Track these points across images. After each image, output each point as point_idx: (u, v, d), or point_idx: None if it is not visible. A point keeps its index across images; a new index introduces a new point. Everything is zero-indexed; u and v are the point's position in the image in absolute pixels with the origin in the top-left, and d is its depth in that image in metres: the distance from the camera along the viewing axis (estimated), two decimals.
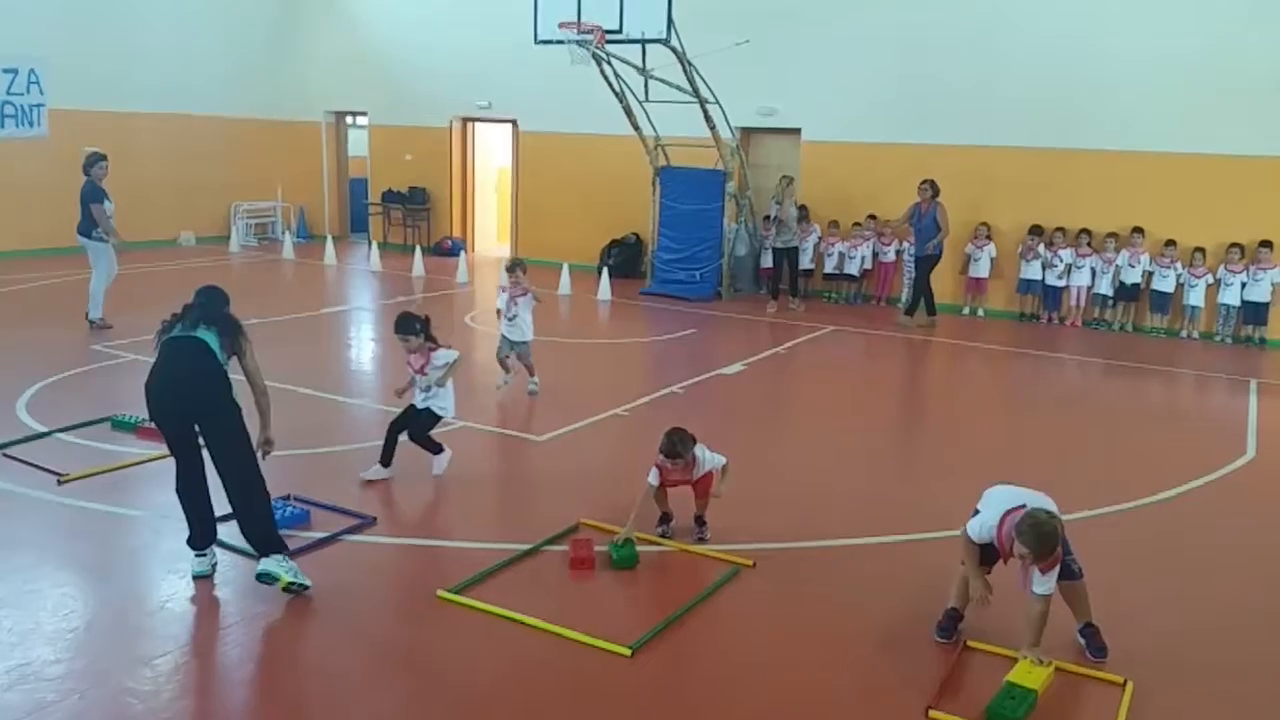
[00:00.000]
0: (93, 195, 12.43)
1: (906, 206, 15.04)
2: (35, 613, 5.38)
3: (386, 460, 7.53)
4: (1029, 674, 4.95)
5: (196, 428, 5.78)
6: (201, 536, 5.91)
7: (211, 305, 6.09)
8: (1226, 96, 14.24)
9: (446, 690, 4.89)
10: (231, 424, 5.72)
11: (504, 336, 10.20)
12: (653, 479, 6.53)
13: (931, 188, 14.62)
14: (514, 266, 10.23)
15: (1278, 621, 5.94)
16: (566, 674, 5.02)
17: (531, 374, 10.35)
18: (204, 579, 5.86)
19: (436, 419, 7.66)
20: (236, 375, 5.88)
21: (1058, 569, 5.15)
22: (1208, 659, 5.45)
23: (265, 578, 5.61)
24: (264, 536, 5.72)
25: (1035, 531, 4.98)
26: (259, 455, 5.98)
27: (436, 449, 7.69)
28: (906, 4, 16.16)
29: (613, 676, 5.00)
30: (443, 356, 7.57)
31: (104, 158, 12.65)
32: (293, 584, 5.65)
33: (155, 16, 19.89)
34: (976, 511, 5.45)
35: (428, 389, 7.56)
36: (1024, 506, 5.16)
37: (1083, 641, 5.40)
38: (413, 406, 7.66)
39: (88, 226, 12.49)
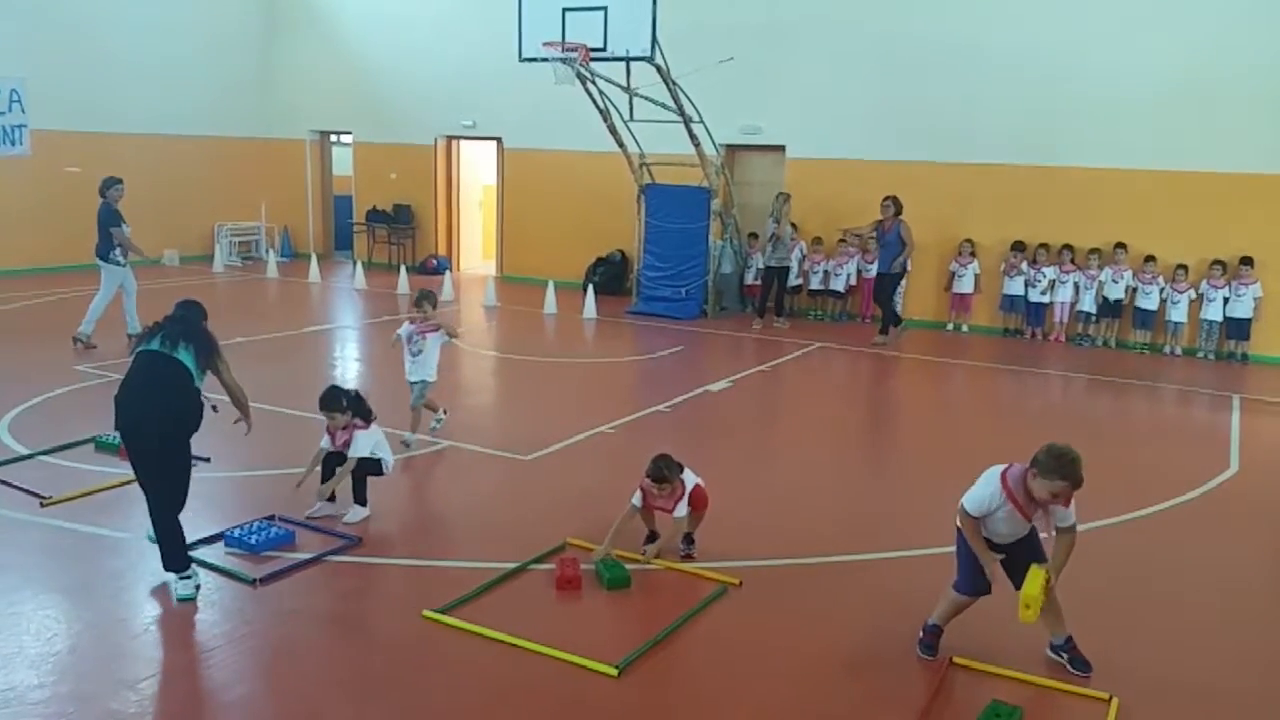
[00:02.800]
0: (110, 218, 12.61)
1: (870, 222, 15.17)
2: (18, 636, 5.35)
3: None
4: (1035, 580, 5.06)
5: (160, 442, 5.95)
6: (177, 559, 5.92)
7: (190, 319, 6.30)
8: (1208, 113, 14.36)
9: (432, 711, 4.87)
10: (185, 445, 6.01)
11: (409, 379, 9.05)
12: (636, 501, 6.56)
13: (894, 205, 14.66)
14: (421, 300, 9.15)
15: (1262, 637, 5.97)
16: (553, 694, 5.01)
17: (415, 426, 9.06)
18: (189, 602, 5.84)
19: (381, 471, 7.29)
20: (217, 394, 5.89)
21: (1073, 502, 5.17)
22: (1192, 675, 5.47)
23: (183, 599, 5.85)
24: (173, 552, 5.95)
25: (1061, 460, 5.00)
26: (245, 429, 6.54)
27: (362, 499, 7.20)
28: (890, 23, 16.25)
29: (599, 696, 5.00)
30: (358, 448, 7.09)
31: (119, 181, 12.87)
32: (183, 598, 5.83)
33: (139, 38, 19.87)
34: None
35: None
36: (1012, 465, 5.21)
37: (1064, 658, 5.41)
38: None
39: (105, 249, 12.69)
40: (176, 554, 5.95)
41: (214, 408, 6.28)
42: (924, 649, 5.48)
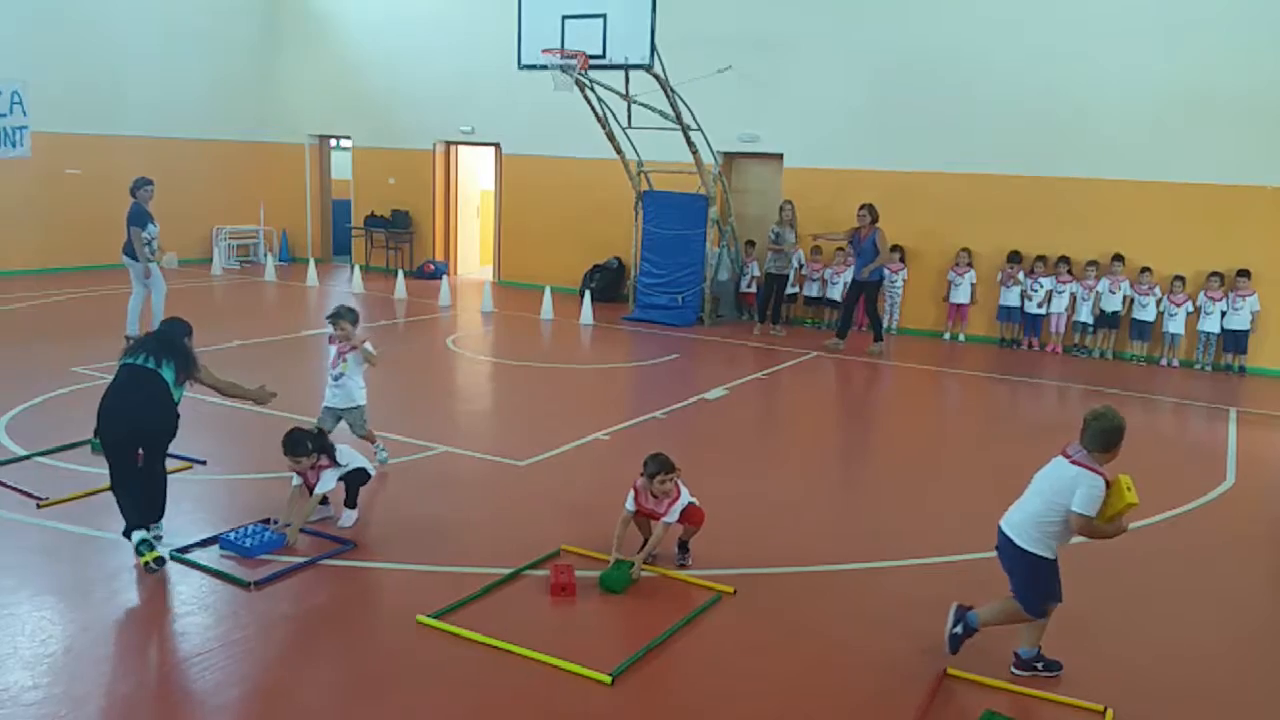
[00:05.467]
0: (134, 218, 12.71)
1: (846, 229, 15.24)
2: (13, 637, 5.35)
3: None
4: (1121, 481, 5.18)
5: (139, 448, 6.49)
6: (138, 515, 6.36)
7: (173, 336, 6.74)
8: (1206, 125, 14.40)
9: (425, 717, 4.87)
10: (165, 446, 6.60)
11: (326, 406, 8.28)
12: (629, 505, 6.56)
13: (870, 213, 14.71)
14: (336, 316, 8.28)
15: (1257, 649, 5.98)
16: (546, 701, 5.00)
17: (373, 440, 8.45)
18: (156, 559, 6.18)
19: (367, 476, 7.29)
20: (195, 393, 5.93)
21: None
22: (1187, 686, 5.48)
23: (142, 546, 6.19)
24: (150, 508, 6.53)
25: (1117, 422, 5.21)
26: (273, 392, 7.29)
27: (352, 502, 7.23)
28: (888, 32, 16.30)
29: (593, 704, 4.99)
30: (325, 484, 6.95)
31: (150, 182, 12.96)
32: (157, 559, 6.19)
33: (139, 41, 19.92)
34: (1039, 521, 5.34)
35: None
36: (1071, 457, 5.26)
37: (1039, 666, 5.41)
38: None
39: (132, 248, 12.78)
40: (154, 509, 6.55)
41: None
42: (953, 645, 5.46)
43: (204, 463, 8.21)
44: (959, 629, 5.49)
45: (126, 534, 6.31)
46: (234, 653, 5.32)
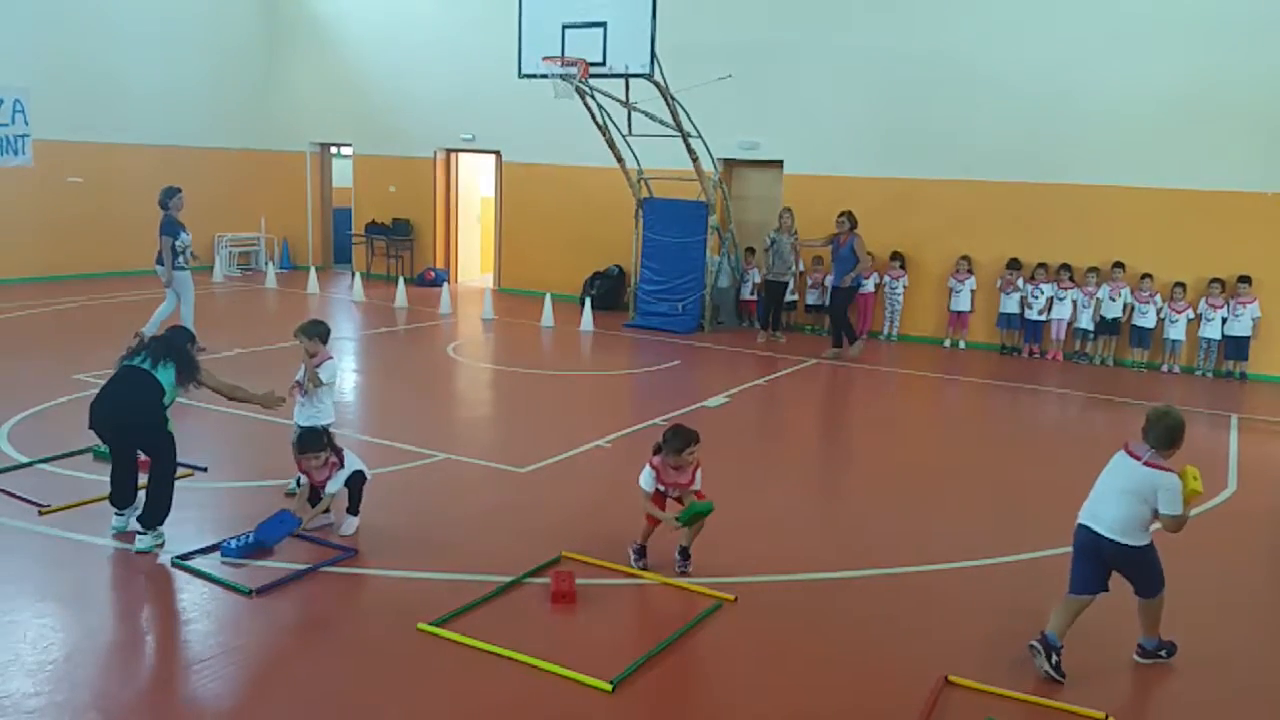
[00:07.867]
0: (166, 228, 12.78)
1: (826, 234, 15.30)
2: (14, 644, 5.35)
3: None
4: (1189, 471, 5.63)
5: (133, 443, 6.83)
6: (121, 497, 6.84)
7: (174, 341, 6.94)
8: (1206, 131, 14.40)
9: None
10: (163, 442, 6.73)
11: (295, 423, 7.73)
12: (646, 484, 6.57)
13: (849, 220, 14.74)
14: (298, 332, 7.79)
15: (1258, 657, 5.98)
16: (547, 709, 5.00)
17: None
18: (121, 536, 6.75)
19: (364, 478, 7.22)
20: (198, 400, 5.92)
21: None
22: (1189, 694, 5.48)
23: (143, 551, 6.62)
24: (155, 516, 6.71)
25: (1179, 420, 5.72)
26: (281, 397, 7.43)
27: (354, 509, 7.20)
28: (889, 39, 16.31)
29: (594, 711, 4.99)
30: (336, 485, 6.96)
31: (178, 191, 13.02)
32: (155, 546, 6.66)
33: (141, 49, 19.95)
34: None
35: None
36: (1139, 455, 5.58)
37: (1053, 662, 5.46)
38: None
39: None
40: (156, 514, 6.73)
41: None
42: (1171, 651, 5.66)
43: (205, 469, 8.22)
44: (1163, 651, 5.68)
45: (111, 500, 6.88)
46: (235, 660, 5.32)
